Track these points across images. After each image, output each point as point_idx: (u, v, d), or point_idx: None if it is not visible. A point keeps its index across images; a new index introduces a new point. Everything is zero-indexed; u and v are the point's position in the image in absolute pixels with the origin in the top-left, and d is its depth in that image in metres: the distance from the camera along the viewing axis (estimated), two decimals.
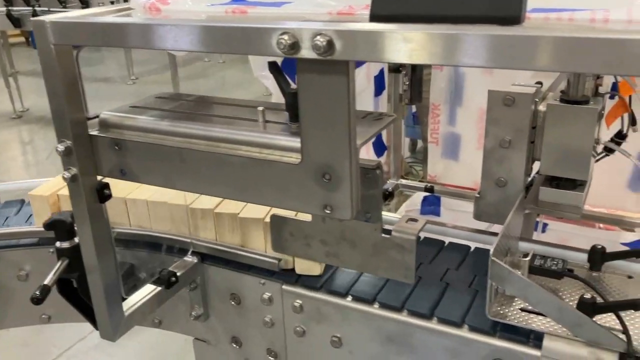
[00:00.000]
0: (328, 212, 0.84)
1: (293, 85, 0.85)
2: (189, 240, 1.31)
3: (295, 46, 0.72)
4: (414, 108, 3.61)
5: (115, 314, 1.12)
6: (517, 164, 1.20)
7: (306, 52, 0.72)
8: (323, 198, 0.83)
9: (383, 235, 1.09)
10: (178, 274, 1.26)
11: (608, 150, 1.33)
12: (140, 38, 0.85)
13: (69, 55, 0.95)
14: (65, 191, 1.31)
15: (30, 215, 1.51)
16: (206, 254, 1.31)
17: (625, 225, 2.00)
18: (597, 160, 1.35)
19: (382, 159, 2.37)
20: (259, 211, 1.27)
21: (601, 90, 1.26)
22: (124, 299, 1.17)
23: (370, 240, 1.10)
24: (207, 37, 0.79)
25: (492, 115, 1.19)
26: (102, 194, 1.03)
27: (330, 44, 0.70)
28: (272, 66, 0.90)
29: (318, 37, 0.71)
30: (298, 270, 1.24)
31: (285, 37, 0.72)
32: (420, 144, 4.00)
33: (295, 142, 0.84)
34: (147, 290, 1.21)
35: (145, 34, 0.84)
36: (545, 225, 1.97)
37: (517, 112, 1.16)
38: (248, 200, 0.92)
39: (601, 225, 2.19)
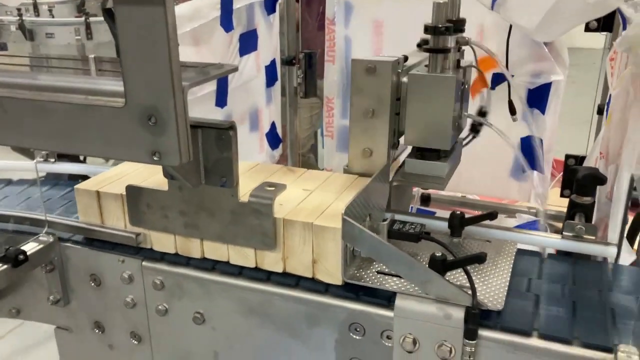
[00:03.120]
0: (157, 159, 0.80)
1: None
2: (42, 218, 1.22)
3: None
4: None
5: None
6: (381, 134, 1.21)
7: None
8: (150, 144, 0.79)
9: (240, 200, 1.06)
10: (28, 252, 1.17)
11: (475, 131, 1.35)
12: None
13: None
14: (107, 188, 1.18)
15: None
16: (64, 233, 1.23)
17: (509, 212, 2.07)
18: (466, 143, 1.37)
19: (278, 152, 2.35)
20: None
21: (463, 64, 1.29)
22: None
23: (228, 207, 1.07)
24: None
25: (356, 84, 1.20)
26: None
27: None
28: (106, 12, 0.86)
29: None
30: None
31: None
32: None
33: (122, 86, 0.79)
34: None
35: None
36: (433, 213, 2.00)
37: (378, 80, 1.17)
38: (74, 151, 0.87)
39: None
